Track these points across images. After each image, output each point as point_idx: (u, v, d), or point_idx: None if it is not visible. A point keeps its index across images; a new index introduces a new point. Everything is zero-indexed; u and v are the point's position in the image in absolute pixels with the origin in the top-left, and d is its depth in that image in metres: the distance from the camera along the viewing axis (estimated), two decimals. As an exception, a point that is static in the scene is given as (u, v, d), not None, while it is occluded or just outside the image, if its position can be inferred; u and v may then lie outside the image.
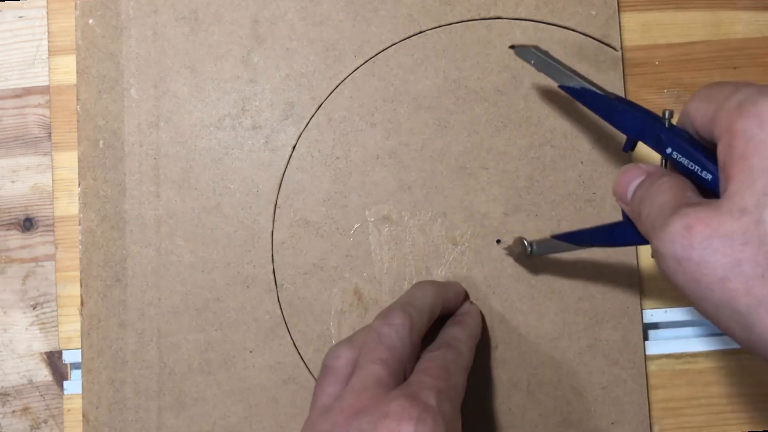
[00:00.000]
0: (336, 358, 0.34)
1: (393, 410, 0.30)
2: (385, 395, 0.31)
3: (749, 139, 0.24)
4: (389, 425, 0.30)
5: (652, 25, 0.43)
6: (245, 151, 0.42)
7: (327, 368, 0.34)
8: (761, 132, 0.23)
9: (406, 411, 0.30)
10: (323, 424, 0.31)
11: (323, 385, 0.33)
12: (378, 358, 0.33)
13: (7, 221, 0.42)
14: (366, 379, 0.32)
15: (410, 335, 0.34)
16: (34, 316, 0.42)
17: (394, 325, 0.34)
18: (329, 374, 0.34)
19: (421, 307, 0.35)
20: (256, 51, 0.42)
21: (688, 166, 0.28)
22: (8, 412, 0.41)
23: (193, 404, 0.40)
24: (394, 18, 0.42)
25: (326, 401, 0.33)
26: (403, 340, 0.34)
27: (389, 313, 0.34)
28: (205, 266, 0.41)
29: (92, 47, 0.42)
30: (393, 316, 0.34)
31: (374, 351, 0.33)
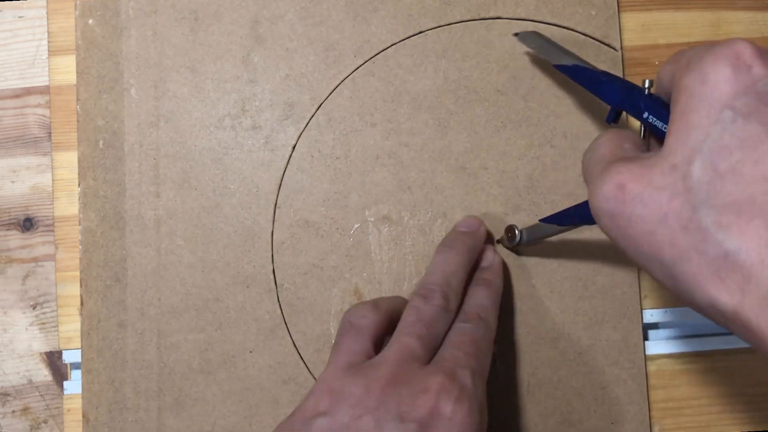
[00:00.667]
0: (362, 317, 0.34)
1: (432, 386, 0.30)
2: (421, 369, 0.31)
3: (690, 95, 0.24)
4: (428, 400, 0.30)
5: (652, 25, 0.43)
6: (245, 151, 0.42)
7: (352, 325, 0.34)
8: (702, 87, 0.24)
9: (445, 389, 0.30)
10: (353, 386, 0.31)
11: (348, 342, 0.33)
12: (416, 333, 0.33)
13: (7, 221, 0.42)
14: (402, 351, 0.32)
15: (447, 316, 0.34)
16: (34, 316, 0.42)
17: (433, 305, 0.34)
18: (355, 332, 0.33)
19: (457, 288, 0.36)
20: (256, 51, 0.42)
21: (662, 129, 0.29)
22: (8, 412, 0.41)
23: (193, 404, 0.40)
24: (393, 18, 0.42)
25: (352, 359, 0.32)
26: (441, 320, 0.34)
27: (428, 294, 0.34)
28: (205, 266, 0.41)
29: (92, 47, 0.42)
30: (432, 297, 0.34)
31: (413, 325, 0.33)
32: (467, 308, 0.36)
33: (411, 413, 0.29)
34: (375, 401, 0.30)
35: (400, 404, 0.30)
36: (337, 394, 0.31)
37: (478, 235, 0.39)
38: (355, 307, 0.35)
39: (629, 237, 0.25)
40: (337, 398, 0.31)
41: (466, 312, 0.35)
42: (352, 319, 0.34)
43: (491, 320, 0.36)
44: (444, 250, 0.38)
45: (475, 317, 0.35)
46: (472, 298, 0.36)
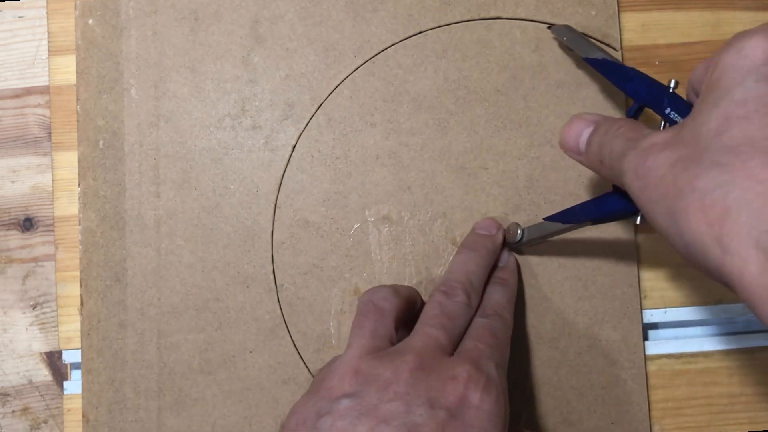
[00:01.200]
0: (385, 300, 0.34)
1: (460, 374, 0.30)
2: (447, 359, 0.31)
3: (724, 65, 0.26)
4: (457, 388, 0.30)
5: (652, 25, 0.43)
6: (245, 151, 0.42)
7: (376, 307, 0.34)
8: (737, 58, 0.26)
9: (472, 378, 0.30)
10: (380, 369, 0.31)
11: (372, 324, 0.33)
12: (440, 324, 0.33)
13: (7, 221, 0.42)
14: (427, 340, 0.32)
15: (468, 312, 0.35)
16: (34, 316, 0.42)
17: (455, 301, 0.34)
18: (379, 314, 0.33)
19: (477, 287, 0.36)
20: (256, 51, 0.42)
21: None
22: (8, 412, 0.41)
23: (193, 404, 0.40)
24: (393, 18, 0.42)
25: (377, 342, 0.32)
26: (463, 316, 0.34)
27: (450, 291, 0.35)
28: (205, 266, 0.41)
29: (92, 47, 0.42)
30: (455, 293, 0.35)
31: (436, 317, 0.33)
32: (486, 305, 0.36)
33: (440, 400, 0.30)
34: (404, 386, 0.30)
35: (429, 390, 0.30)
36: (364, 375, 0.31)
37: (497, 238, 0.40)
38: (374, 289, 0.35)
39: (646, 187, 0.26)
40: (365, 380, 0.30)
41: (485, 308, 0.36)
42: (375, 301, 0.34)
43: (508, 317, 0.36)
44: (465, 251, 0.38)
45: (493, 313, 0.35)
46: (490, 295, 0.37)
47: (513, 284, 0.39)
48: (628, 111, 0.34)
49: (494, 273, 0.39)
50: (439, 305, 0.34)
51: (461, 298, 0.35)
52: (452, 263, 0.38)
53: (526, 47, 0.42)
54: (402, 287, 0.37)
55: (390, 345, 0.33)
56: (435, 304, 0.34)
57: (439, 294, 0.35)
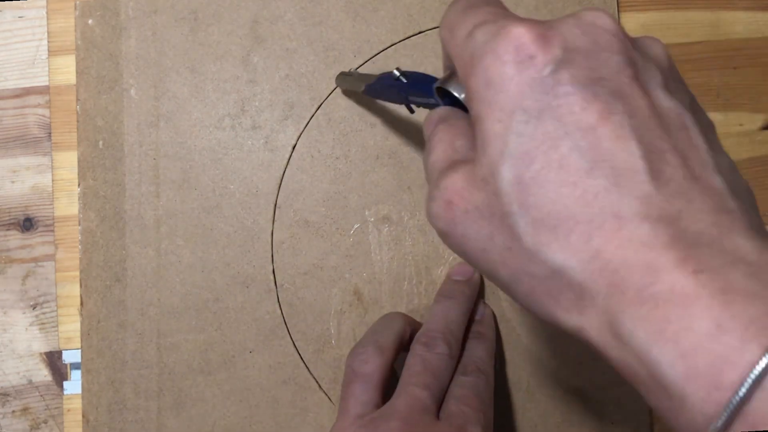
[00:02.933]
0: (364, 363, 0.34)
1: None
2: (433, 424, 0.31)
3: (480, 100, 0.22)
4: None
5: (652, 25, 0.43)
6: (245, 152, 0.42)
7: (356, 374, 0.34)
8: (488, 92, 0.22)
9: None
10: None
11: (354, 392, 0.33)
12: (423, 383, 0.33)
13: (7, 221, 0.42)
14: (412, 403, 0.32)
15: (451, 363, 0.35)
16: (33, 316, 0.42)
17: (437, 353, 0.34)
18: (360, 380, 0.34)
19: (458, 336, 0.36)
20: (255, 51, 0.42)
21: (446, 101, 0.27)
22: (8, 412, 0.41)
23: (193, 404, 0.40)
24: (393, 18, 0.42)
25: (361, 410, 0.33)
26: (446, 369, 0.34)
27: (431, 342, 0.35)
28: (205, 266, 0.41)
29: (92, 47, 0.42)
30: (436, 345, 0.35)
31: (419, 375, 0.33)
32: (467, 361, 0.36)
33: None
34: None
35: None
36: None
37: (473, 282, 0.40)
38: (357, 350, 0.35)
39: (466, 254, 0.23)
40: None
41: (466, 365, 0.36)
42: (355, 367, 0.34)
43: (490, 372, 0.36)
44: (443, 300, 0.38)
45: (475, 370, 0.35)
46: (470, 350, 0.37)
47: (491, 337, 0.39)
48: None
49: (472, 327, 0.39)
50: (422, 360, 0.34)
51: (443, 350, 0.35)
52: (431, 313, 0.37)
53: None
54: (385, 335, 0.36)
55: (375, 409, 0.33)
56: (417, 358, 0.34)
57: (420, 347, 0.35)
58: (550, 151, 0.20)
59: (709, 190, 0.20)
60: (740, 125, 0.43)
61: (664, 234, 0.19)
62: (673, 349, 0.18)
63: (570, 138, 0.20)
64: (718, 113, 0.43)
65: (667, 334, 0.18)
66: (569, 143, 0.20)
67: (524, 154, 0.21)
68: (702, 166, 0.21)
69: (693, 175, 0.20)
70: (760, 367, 0.16)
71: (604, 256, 0.20)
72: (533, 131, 0.21)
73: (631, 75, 0.21)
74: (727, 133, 0.43)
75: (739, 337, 0.17)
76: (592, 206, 0.20)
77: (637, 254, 0.19)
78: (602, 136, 0.20)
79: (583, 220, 0.20)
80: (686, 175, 0.20)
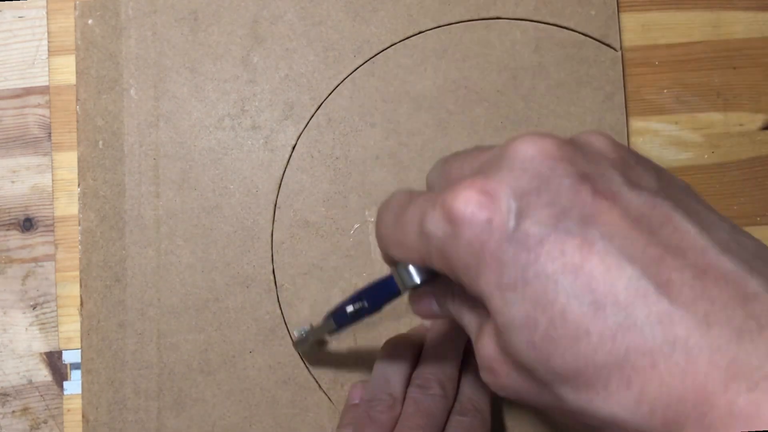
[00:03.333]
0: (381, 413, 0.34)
1: None
2: None
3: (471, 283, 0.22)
4: None
5: (652, 25, 0.43)
6: (245, 152, 0.42)
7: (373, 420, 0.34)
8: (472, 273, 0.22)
9: None
10: None
11: None
12: (417, 425, 0.33)
13: (7, 221, 0.42)
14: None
15: (446, 404, 0.34)
16: (33, 316, 0.42)
17: (431, 395, 0.34)
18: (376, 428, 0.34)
19: (451, 375, 0.36)
20: (255, 51, 0.42)
21: None
22: (8, 412, 0.41)
23: (193, 404, 0.40)
24: (393, 18, 0.42)
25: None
26: (440, 410, 0.34)
27: (425, 384, 0.35)
28: (205, 266, 0.41)
29: (92, 47, 0.42)
30: (429, 386, 0.34)
31: (413, 417, 0.33)
32: (462, 398, 0.36)
33: None
34: None
35: None
36: None
37: None
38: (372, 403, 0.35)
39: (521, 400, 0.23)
40: None
41: (463, 403, 0.35)
42: (372, 415, 0.34)
43: (485, 408, 0.36)
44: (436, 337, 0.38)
45: (471, 409, 0.35)
46: (466, 387, 0.36)
47: None
48: None
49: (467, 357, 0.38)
50: (415, 403, 0.34)
51: (436, 391, 0.34)
52: (425, 351, 0.37)
53: (526, 47, 0.42)
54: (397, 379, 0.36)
55: None
56: (411, 402, 0.34)
57: (415, 389, 0.35)
58: (549, 308, 0.20)
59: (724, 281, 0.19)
60: (740, 125, 0.43)
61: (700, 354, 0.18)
62: None
63: (562, 287, 0.19)
64: (718, 113, 0.43)
65: None
66: (563, 292, 0.19)
67: (527, 320, 0.20)
68: (703, 253, 0.19)
69: (701, 269, 0.19)
70: None
71: (649, 396, 0.18)
72: (524, 295, 0.20)
73: (590, 190, 0.20)
74: (727, 133, 0.43)
75: None
76: (617, 349, 0.19)
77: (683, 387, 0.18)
78: (593, 272, 0.19)
79: (614, 366, 0.19)
80: (694, 273, 0.19)
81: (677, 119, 0.43)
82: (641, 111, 0.43)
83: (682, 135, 0.43)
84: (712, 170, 0.43)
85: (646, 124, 0.43)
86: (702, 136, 0.43)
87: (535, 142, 0.21)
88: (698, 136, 0.43)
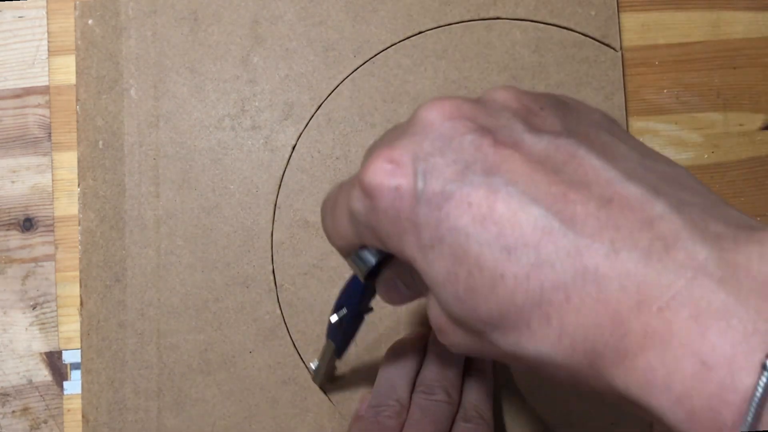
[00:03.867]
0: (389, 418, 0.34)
1: None
2: None
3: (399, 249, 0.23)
4: None
5: (652, 25, 0.43)
6: (245, 152, 0.42)
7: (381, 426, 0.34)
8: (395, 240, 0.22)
9: None
10: None
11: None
12: (423, 431, 0.33)
13: (7, 221, 0.42)
14: None
15: (450, 409, 0.34)
16: (33, 316, 0.42)
17: (436, 401, 0.34)
18: None
19: (455, 381, 0.36)
20: (255, 51, 0.42)
21: None
22: (8, 412, 0.42)
23: (193, 404, 0.40)
24: (393, 18, 0.42)
25: None
26: (445, 415, 0.34)
27: (429, 390, 0.35)
28: (205, 266, 0.41)
29: (91, 47, 0.42)
30: (434, 392, 0.35)
31: (419, 423, 0.33)
32: (466, 405, 0.36)
33: None
34: None
35: None
36: None
37: None
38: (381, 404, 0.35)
39: None
40: None
41: (466, 409, 0.36)
42: (381, 420, 0.34)
43: (489, 415, 0.36)
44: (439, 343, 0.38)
45: (475, 416, 0.35)
46: (470, 393, 0.37)
47: (489, 373, 0.38)
48: None
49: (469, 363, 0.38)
50: (421, 409, 0.34)
51: (441, 397, 0.35)
52: (428, 359, 0.37)
53: (526, 47, 0.42)
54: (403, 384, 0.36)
55: None
56: (417, 408, 0.34)
57: (420, 395, 0.35)
58: (465, 260, 0.20)
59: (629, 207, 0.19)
60: (740, 125, 0.43)
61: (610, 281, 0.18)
62: (669, 397, 0.17)
63: (473, 238, 0.20)
64: (718, 113, 0.43)
65: (657, 382, 0.17)
66: (475, 242, 0.20)
67: (449, 275, 0.21)
68: (608, 184, 0.20)
69: (606, 199, 0.19)
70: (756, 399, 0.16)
71: (568, 330, 0.19)
72: (442, 252, 0.21)
73: (491, 142, 0.21)
74: (727, 133, 0.43)
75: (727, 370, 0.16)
76: (532, 288, 0.19)
77: (597, 316, 0.18)
78: (500, 218, 0.20)
79: (532, 305, 0.19)
80: (598, 204, 0.19)
81: (677, 119, 0.43)
82: (641, 111, 0.43)
83: (682, 135, 0.43)
84: (712, 170, 0.43)
85: (646, 124, 0.43)
86: (702, 136, 0.43)
87: (438, 105, 0.22)
88: (698, 136, 0.43)
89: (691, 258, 0.18)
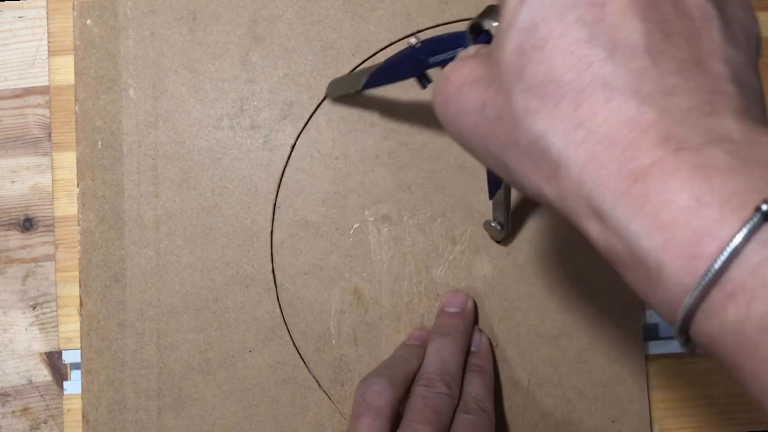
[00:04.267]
0: (377, 395, 0.34)
1: None
2: None
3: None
4: None
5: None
6: (244, 151, 0.42)
7: (369, 406, 0.34)
8: None
9: None
10: None
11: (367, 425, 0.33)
12: (425, 419, 0.33)
13: (7, 221, 0.43)
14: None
15: (451, 402, 0.35)
16: (33, 316, 0.42)
17: (437, 392, 0.35)
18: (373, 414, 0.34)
19: (455, 374, 0.36)
20: (254, 51, 0.42)
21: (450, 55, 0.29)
22: (8, 412, 0.42)
23: (193, 404, 0.41)
24: (392, 17, 0.42)
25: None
26: (447, 407, 0.34)
27: (430, 383, 0.35)
28: (204, 266, 0.41)
29: (90, 48, 0.42)
30: (435, 385, 0.35)
31: (421, 412, 0.34)
32: (467, 398, 0.36)
33: None
34: None
35: None
36: None
37: (467, 313, 0.40)
38: (369, 381, 0.35)
39: (461, 132, 0.24)
40: None
41: (467, 402, 0.36)
42: (367, 398, 0.34)
43: (490, 408, 0.36)
44: (439, 338, 0.38)
45: (475, 408, 0.35)
46: (470, 386, 0.37)
47: (489, 370, 0.39)
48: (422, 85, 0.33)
49: (469, 359, 0.39)
50: (423, 399, 0.34)
51: (442, 389, 0.35)
52: (428, 353, 0.37)
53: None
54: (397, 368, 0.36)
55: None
56: (418, 398, 0.34)
57: (421, 387, 0.35)
58: (555, 21, 0.20)
59: (709, 73, 0.20)
60: (741, 123, 0.43)
61: (651, 111, 0.19)
62: (652, 222, 0.18)
63: (577, 10, 0.20)
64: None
65: (647, 209, 0.18)
66: (575, 15, 0.20)
67: (531, 24, 0.21)
68: (710, 53, 0.20)
69: (697, 59, 0.20)
70: (739, 238, 0.16)
71: (588, 125, 0.19)
72: (543, 3, 0.21)
73: None
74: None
75: (718, 210, 0.17)
76: (585, 76, 0.20)
77: (621, 129, 0.19)
78: (609, 11, 0.20)
79: (574, 88, 0.20)
80: (690, 58, 0.20)
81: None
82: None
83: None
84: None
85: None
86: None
87: None
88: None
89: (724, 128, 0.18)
